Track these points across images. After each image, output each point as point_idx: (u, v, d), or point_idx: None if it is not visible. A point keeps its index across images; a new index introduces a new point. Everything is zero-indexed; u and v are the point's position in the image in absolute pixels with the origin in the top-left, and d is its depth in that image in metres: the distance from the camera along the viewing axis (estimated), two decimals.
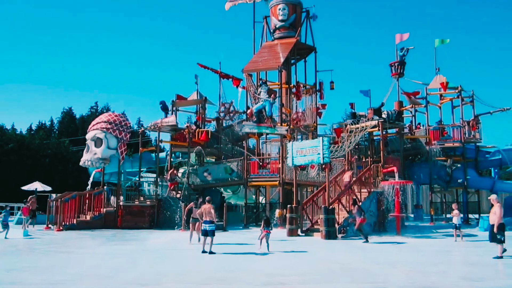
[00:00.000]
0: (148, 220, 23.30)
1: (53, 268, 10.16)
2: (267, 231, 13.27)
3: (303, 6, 29.48)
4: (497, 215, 11.26)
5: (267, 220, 13.71)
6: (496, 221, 11.27)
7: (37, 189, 29.95)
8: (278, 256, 12.30)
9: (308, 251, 13.64)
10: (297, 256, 12.39)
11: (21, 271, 9.55)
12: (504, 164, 30.22)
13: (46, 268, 10.05)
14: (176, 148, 27.36)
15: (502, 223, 11.32)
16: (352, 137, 21.18)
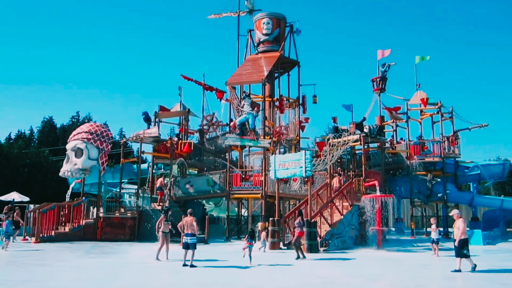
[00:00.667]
0: (128, 232, 22.96)
1: (30, 282, 9.93)
2: (249, 243, 13.23)
3: (287, 20, 29.81)
4: (460, 230, 11.36)
5: (252, 232, 13.68)
6: (460, 236, 11.36)
7: (15, 200, 29.30)
8: (259, 269, 12.25)
9: (290, 264, 13.61)
10: (279, 270, 12.36)
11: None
12: (483, 179, 30.80)
13: (23, 282, 9.81)
14: (158, 160, 27.15)
15: (465, 238, 11.43)
16: (335, 151, 21.36)
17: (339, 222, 19.29)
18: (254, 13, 29.97)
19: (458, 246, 11.41)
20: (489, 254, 17.64)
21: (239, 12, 30.15)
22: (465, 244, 11.40)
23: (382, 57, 28.92)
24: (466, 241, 11.46)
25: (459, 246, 11.38)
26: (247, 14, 30.29)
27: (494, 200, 30.88)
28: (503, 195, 40.71)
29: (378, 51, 29.08)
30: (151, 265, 13.02)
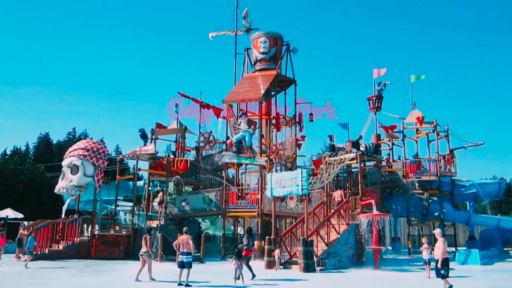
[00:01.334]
0: (123, 250, 22.73)
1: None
2: (239, 263, 13.05)
3: (284, 39, 30.11)
4: (440, 250, 11.25)
5: (239, 252, 13.50)
6: (440, 256, 11.23)
7: (8, 216, 29.05)
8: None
9: (286, 284, 13.46)
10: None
11: None
12: (479, 197, 30.75)
13: None
14: (154, 177, 27.03)
15: (446, 258, 11.29)
16: (331, 169, 21.36)
17: (335, 241, 19.16)
18: (252, 32, 30.29)
19: (436, 265, 11.26)
20: (487, 274, 17.54)
21: (237, 31, 30.46)
22: (445, 264, 11.24)
23: (378, 76, 29.16)
24: (447, 260, 11.31)
25: (439, 265, 11.22)
26: (245, 32, 30.60)
27: (491, 219, 30.79)
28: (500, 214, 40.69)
29: (374, 70, 29.35)
30: (146, 284, 12.84)
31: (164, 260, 20.76)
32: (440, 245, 11.28)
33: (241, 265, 13.09)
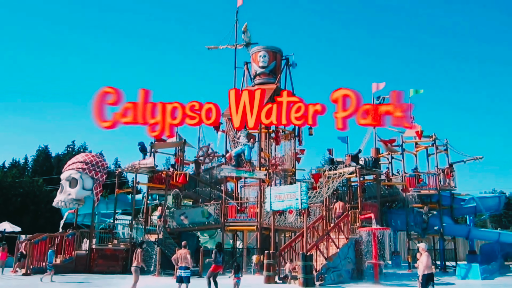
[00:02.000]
0: (121, 265, 22.57)
1: None
2: (237, 278, 12.95)
3: (283, 54, 30.30)
4: (423, 264, 11.08)
5: (237, 266, 13.40)
6: (423, 271, 11.06)
7: (6, 230, 28.89)
8: None
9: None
10: None
11: None
12: (479, 211, 30.66)
13: None
14: (153, 190, 26.96)
15: (431, 273, 11.12)
16: (330, 182, 21.34)
17: (335, 256, 19.05)
18: (251, 46, 30.49)
19: (422, 281, 11.08)
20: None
21: (236, 45, 30.65)
22: (430, 279, 11.06)
23: (377, 90, 29.26)
24: (431, 276, 11.13)
25: (423, 281, 11.05)
26: (244, 47, 30.78)
27: (491, 233, 30.67)
28: (500, 228, 40.55)
29: (373, 84, 29.45)
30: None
31: (163, 274, 20.60)
32: (424, 260, 11.08)
33: (240, 279, 13.01)
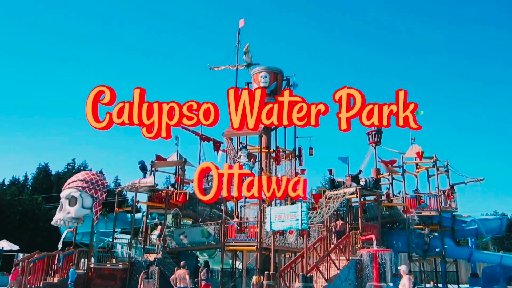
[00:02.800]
0: (119, 284, 22.29)
1: None
2: None
3: (284, 74, 30.49)
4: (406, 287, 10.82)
5: None
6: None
7: (4, 248, 28.67)
8: None
9: None
10: None
11: None
12: (480, 233, 30.40)
13: None
14: (152, 209, 26.83)
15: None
16: (331, 203, 21.26)
17: (335, 277, 18.87)
18: (252, 67, 30.72)
19: None
20: None
21: (238, 66, 30.92)
22: None
23: None
24: None
25: None
26: (245, 67, 31.03)
27: (494, 256, 30.35)
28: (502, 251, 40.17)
29: None
30: None
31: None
32: (406, 283, 10.85)
33: None
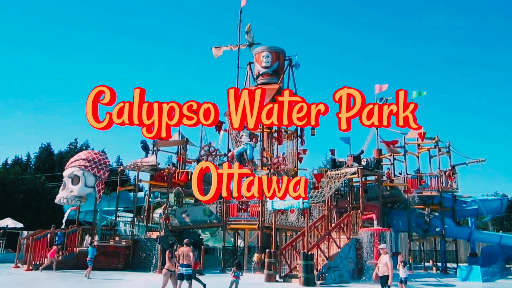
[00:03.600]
0: (122, 261, 22.63)
1: None
2: (236, 277, 12.82)
3: (286, 54, 30.32)
4: (389, 266, 10.81)
5: (238, 264, 13.30)
6: (391, 273, 10.82)
7: (8, 226, 28.99)
8: None
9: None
10: None
11: None
12: (480, 214, 30.58)
13: None
14: (155, 188, 27.01)
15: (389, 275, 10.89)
16: (332, 183, 21.34)
17: (336, 255, 19.06)
18: (254, 46, 30.50)
19: (381, 282, 10.83)
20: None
21: (239, 46, 30.69)
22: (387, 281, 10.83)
23: (380, 92, 29.17)
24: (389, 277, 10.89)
25: (381, 282, 10.81)
26: (247, 47, 30.81)
27: (493, 236, 30.59)
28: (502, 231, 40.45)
29: (375, 85, 29.37)
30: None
31: None
32: (388, 262, 10.81)
33: (239, 278, 12.89)
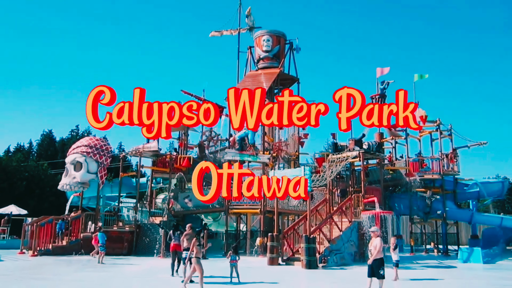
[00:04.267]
0: (126, 246, 22.83)
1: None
2: (234, 260, 12.89)
3: (286, 38, 30.12)
4: (377, 249, 10.74)
5: (235, 247, 13.36)
6: (376, 255, 10.74)
7: (12, 213, 29.21)
8: (259, 286, 12.15)
9: (289, 281, 13.52)
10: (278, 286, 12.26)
11: None
12: (482, 196, 30.70)
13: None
14: (157, 174, 27.12)
15: (381, 258, 10.80)
16: (334, 166, 21.38)
17: (338, 238, 19.21)
18: (254, 30, 30.31)
19: (373, 265, 10.67)
20: (489, 272, 17.55)
21: (240, 29, 30.48)
22: (381, 264, 10.75)
23: (381, 75, 29.07)
24: (382, 261, 10.81)
25: (374, 265, 10.66)
26: (248, 31, 30.62)
27: (494, 218, 30.72)
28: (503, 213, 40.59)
29: (377, 68, 29.26)
30: (148, 279, 12.94)
31: (167, 256, 20.84)
32: (377, 244, 10.80)
33: (236, 262, 12.92)
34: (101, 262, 17.51)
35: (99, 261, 17.58)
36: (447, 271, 17.47)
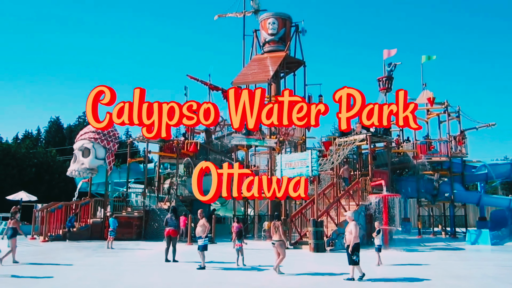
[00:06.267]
0: (135, 232, 23.08)
1: (38, 280, 10.00)
2: (239, 244, 12.95)
3: (292, 20, 29.79)
4: (353, 234, 10.55)
5: (239, 232, 13.41)
6: (352, 241, 10.55)
7: (22, 199, 29.52)
8: (267, 269, 12.25)
9: (297, 264, 13.60)
10: (286, 270, 12.33)
11: (3, 284, 9.38)
12: (490, 178, 30.52)
13: (30, 281, 9.88)
14: (164, 159, 27.24)
15: (357, 243, 10.62)
16: (341, 150, 21.32)
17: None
18: (260, 13, 29.99)
19: (351, 251, 10.49)
20: (497, 253, 17.56)
21: (245, 12, 30.18)
22: (356, 249, 10.58)
23: (388, 57, 28.74)
24: (358, 246, 10.64)
25: (352, 251, 10.50)
26: (253, 14, 30.31)
27: (502, 199, 30.65)
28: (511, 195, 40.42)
29: (384, 50, 28.90)
30: (158, 264, 13.07)
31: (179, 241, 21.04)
32: (352, 229, 10.55)
33: (241, 246, 13.00)
34: (111, 247, 17.70)
35: (108, 246, 17.78)
36: (455, 253, 17.47)
